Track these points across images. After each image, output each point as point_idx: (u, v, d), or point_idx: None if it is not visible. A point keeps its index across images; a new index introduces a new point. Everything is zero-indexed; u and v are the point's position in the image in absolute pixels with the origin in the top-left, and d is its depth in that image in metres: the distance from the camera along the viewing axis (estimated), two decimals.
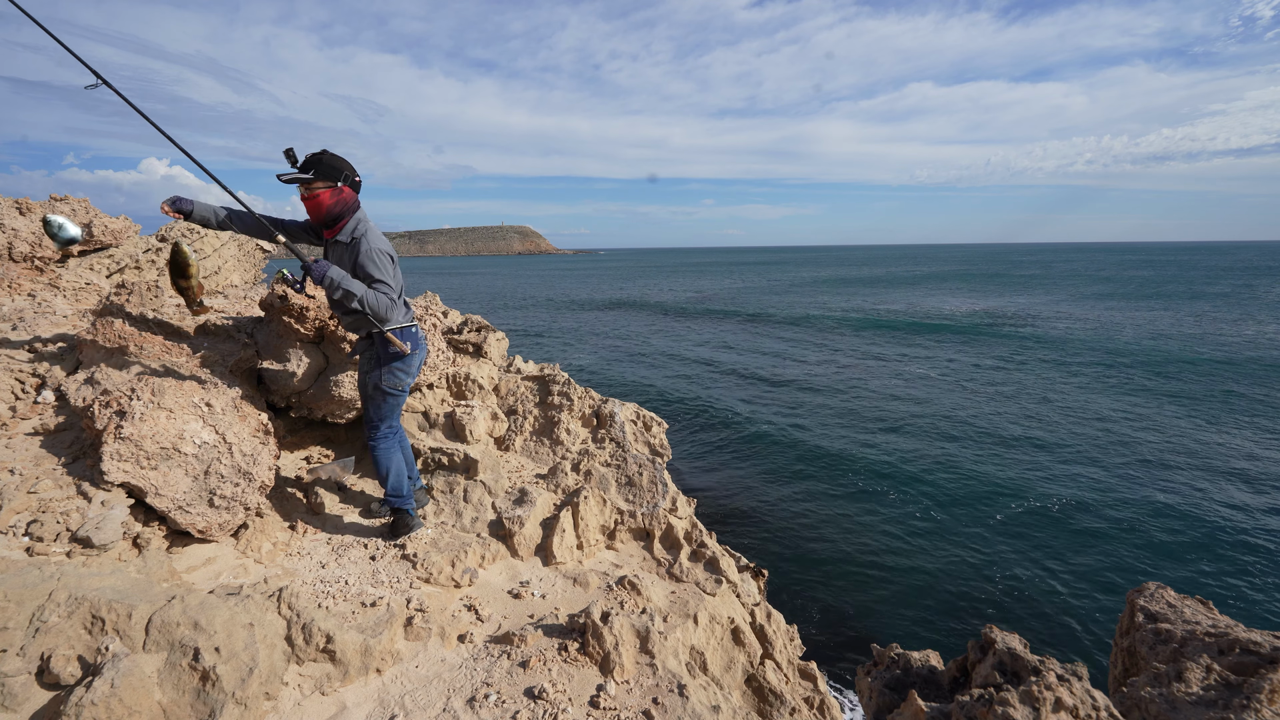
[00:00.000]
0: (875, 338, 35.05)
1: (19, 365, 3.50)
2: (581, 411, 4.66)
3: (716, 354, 31.14)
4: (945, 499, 13.38)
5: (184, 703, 1.96)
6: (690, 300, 62.46)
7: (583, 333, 40.98)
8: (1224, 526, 11.84)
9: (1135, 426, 17.89)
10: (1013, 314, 44.77)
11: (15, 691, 1.92)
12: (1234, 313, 42.96)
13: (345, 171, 2.93)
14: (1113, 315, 42.87)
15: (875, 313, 47.31)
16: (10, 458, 2.84)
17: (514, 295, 74.95)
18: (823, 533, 12.17)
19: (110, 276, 5.97)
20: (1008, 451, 16.06)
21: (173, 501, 2.77)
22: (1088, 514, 12.50)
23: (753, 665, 2.93)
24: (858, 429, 18.34)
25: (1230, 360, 26.65)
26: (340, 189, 2.91)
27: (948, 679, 3.05)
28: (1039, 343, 32.28)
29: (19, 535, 2.45)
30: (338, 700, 2.22)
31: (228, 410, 3.20)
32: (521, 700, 2.27)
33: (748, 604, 3.52)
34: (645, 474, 4.02)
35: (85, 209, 6.08)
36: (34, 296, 4.67)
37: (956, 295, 61.06)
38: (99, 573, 2.37)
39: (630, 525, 3.77)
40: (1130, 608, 3.15)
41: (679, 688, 2.38)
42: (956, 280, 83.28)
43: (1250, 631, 2.67)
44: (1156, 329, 36.07)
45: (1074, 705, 2.14)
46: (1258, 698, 2.23)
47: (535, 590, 3.11)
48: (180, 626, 2.11)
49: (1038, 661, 2.56)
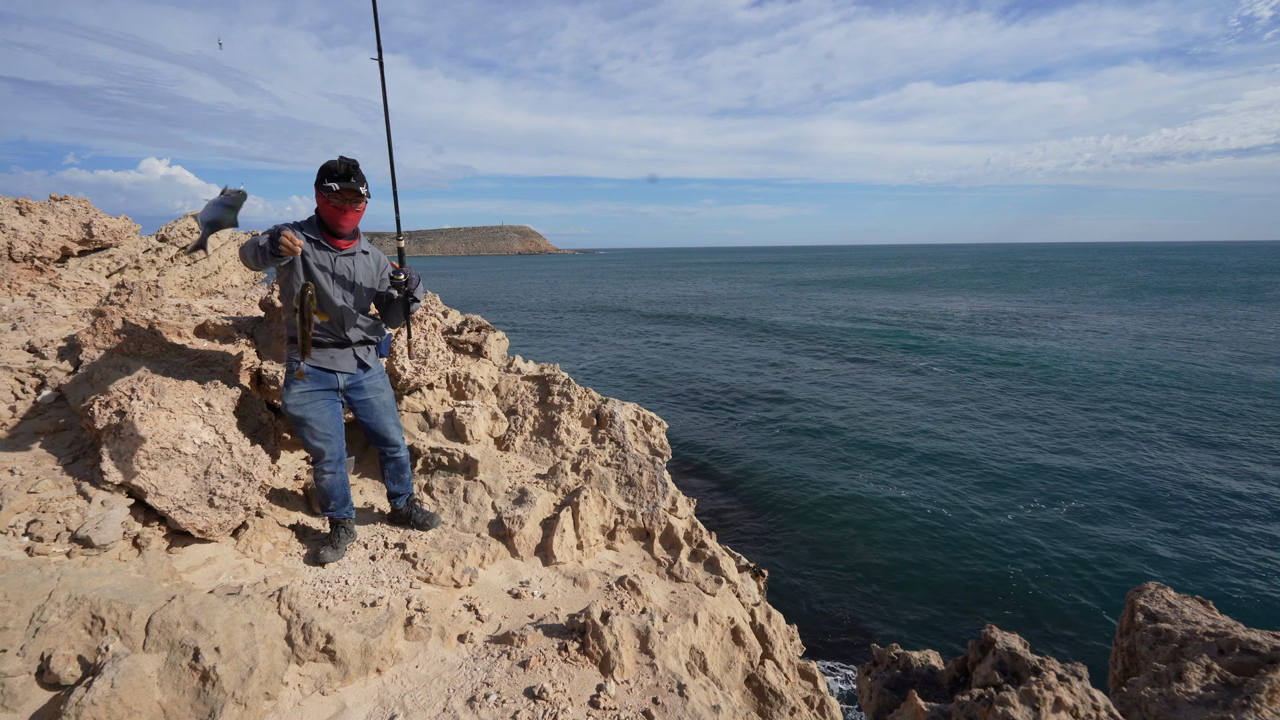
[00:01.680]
0: (876, 339, 35.06)
1: (19, 365, 3.50)
2: (581, 411, 4.65)
3: (717, 354, 31.14)
4: (945, 499, 13.38)
5: (184, 703, 1.96)
6: (691, 300, 62.47)
7: (583, 332, 40.99)
8: (1224, 526, 11.84)
9: (1135, 426, 17.89)
10: (1012, 314, 44.77)
11: (15, 691, 1.92)
12: (1240, 312, 42.96)
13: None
14: (1112, 316, 42.87)
15: (876, 313, 47.30)
16: (10, 458, 2.85)
17: (514, 295, 74.97)
18: (823, 533, 12.17)
19: (110, 276, 5.97)
20: (1008, 452, 16.06)
21: (173, 501, 2.77)
22: (1088, 514, 12.50)
23: (753, 665, 2.93)
24: (858, 430, 18.34)
25: (1231, 361, 26.65)
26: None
27: (948, 679, 3.05)
28: (1039, 344, 32.28)
29: (19, 535, 2.46)
30: (338, 700, 2.22)
31: (228, 410, 3.20)
32: (521, 700, 2.27)
33: (748, 604, 3.52)
34: (645, 474, 4.02)
35: (85, 209, 6.08)
36: (34, 296, 4.67)
37: (957, 296, 61.07)
38: (99, 573, 2.38)
39: (630, 525, 3.77)
40: (1130, 608, 3.15)
41: (679, 688, 2.38)
42: (957, 280, 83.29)
43: (1250, 631, 2.67)
44: (1157, 329, 36.08)
45: (1074, 705, 2.14)
46: (1258, 698, 2.23)
47: (535, 590, 3.11)
48: (180, 626, 2.11)
49: (1038, 661, 2.56)
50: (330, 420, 2.97)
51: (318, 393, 2.93)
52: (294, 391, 2.88)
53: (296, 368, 2.81)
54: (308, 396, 2.91)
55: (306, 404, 2.91)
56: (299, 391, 2.89)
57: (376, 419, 3.13)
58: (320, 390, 2.93)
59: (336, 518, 3.09)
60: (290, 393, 2.88)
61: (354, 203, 2.69)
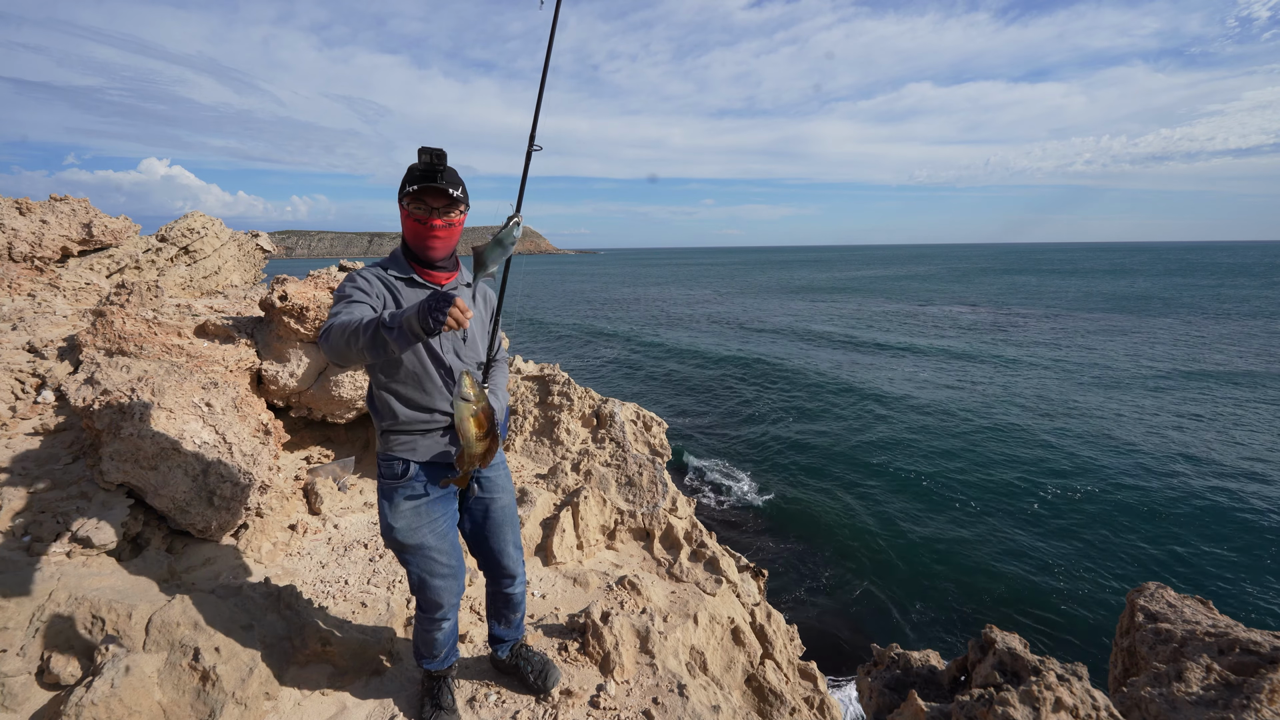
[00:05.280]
0: (877, 339, 35.06)
1: (19, 365, 3.50)
2: (581, 411, 4.65)
3: (716, 354, 31.13)
4: (945, 499, 13.38)
5: (184, 703, 1.96)
6: (691, 300, 62.48)
7: (583, 332, 40.98)
8: (1224, 526, 11.84)
9: (1135, 426, 17.90)
10: (1012, 315, 44.78)
11: (15, 691, 1.92)
12: (1242, 311, 42.96)
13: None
14: (1113, 316, 42.88)
15: (877, 314, 47.32)
16: (10, 458, 2.84)
17: (514, 295, 74.98)
18: (823, 533, 12.17)
19: (110, 276, 5.97)
20: (1008, 452, 16.06)
21: (173, 501, 2.77)
22: (1088, 514, 12.51)
23: (753, 665, 2.93)
24: (858, 429, 18.34)
25: (1231, 361, 26.66)
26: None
27: (948, 679, 3.05)
28: (1039, 345, 32.28)
29: (19, 535, 2.46)
30: (338, 700, 2.22)
31: (228, 410, 3.20)
32: (522, 700, 2.27)
33: (748, 604, 3.52)
34: (645, 474, 4.02)
35: (85, 209, 6.08)
36: (34, 296, 4.67)
37: (958, 297, 61.06)
38: (99, 573, 2.38)
39: (630, 525, 3.77)
40: (1130, 608, 3.15)
41: (679, 688, 2.38)
42: (959, 281, 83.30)
43: (1250, 631, 2.67)
44: (1158, 331, 36.10)
45: (1074, 705, 2.14)
46: (1258, 698, 2.23)
47: (535, 590, 3.11)
48: (180, 626, 2.11)
49: (1038, 661, 2.56)
50: (454, 546, 2.01)
51: (435, 503, 1.94)
52: (403, 508, 1.89)
53: (405, 473, 1.87)
54: (423, 514, 1.92)
55: (423, 526, 1.92)
56: (411, 508, 1.90)
57: (494, 533, 2.13)
58: (438, 500, 1.95)
59: (440, 670, 2.18)
60: (398, 511, 1.89)
61: (443, 211, 1.79)
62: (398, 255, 1.89)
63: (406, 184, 1.75)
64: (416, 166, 1.73)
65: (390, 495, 1.90)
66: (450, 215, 1.81)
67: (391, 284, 1.83)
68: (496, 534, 2.12)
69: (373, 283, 1.80)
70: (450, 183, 1.75)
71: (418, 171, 1.72)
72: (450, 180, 1.75)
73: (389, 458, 1.89)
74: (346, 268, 4.78)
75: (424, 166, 1.71)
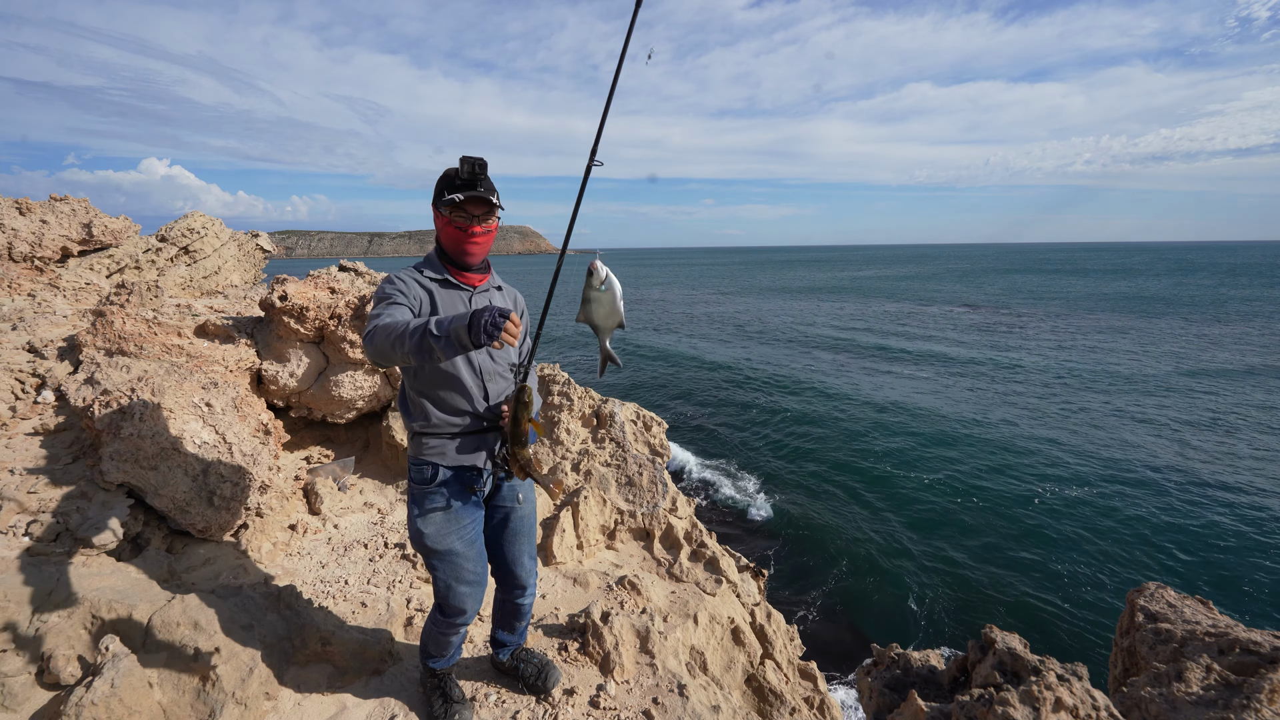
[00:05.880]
0: (877, 340, 35.05)
1: (19, 365, 3.50)
2: (581, 411, 4.65)
3: (716, 354, 31.14)
4: (945, 500, 13.38)
5: (184, 703, 1.96)
6: (691, 300, 62.47)
7: (582, 332, 41.00)
8: (1224, 527, 11.84)
9: (1135, 426, 17.90)
10: (1013, 315, 44.77)
11: (15, 691, 1.92)
12: (1243, 311, 42.95)
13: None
14: (1114, 315, 42.88)
15: (877, 315, 47.31)
16: (10, 458, 2.84)
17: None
18: (823, 533, 12.17)
19: (110, 276, 5.97)
20: (1008, 453, 16.06)
21: (173, 501, 2.77)
22: (1088, 514, 12.50)
23: (753, 665, 2.93)
24: (858, 430, 18.34)
25: (1233, 360, 26.66)
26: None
27: (948, 679, 3.05)
28: (1040, 344, 32.28)
29: (19, 535, 2.46)
30: (338, 700, 2.22)
31: (228, 410, 3.20)
32: (521, 700, 2.27)
33: (748, 604, 3.51)
34: (645, 474, 4.02)
35: (85, 209, 6.08)
36: (34, 296, 4.67)
37: (959, 297, 61.05)
38: (99, 573, 2.38)
39: (630, 525, 3.77)
40: (1130, 608, 3.15)
41: (679, 688, 2.38)
42: (960, 281, 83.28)
43: (1250, 631, 2.67)
44: (1159, 330, 36.09)
45: (1074, 705, 2.14)
46: (1258, 698, 2.23)
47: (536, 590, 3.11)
48: (180, 626, 2.11)
49: (1038, 661, 2.56)
50: (481, 553, 2.00)
51: (463, 510, 1.93)
52: (432, 515, 1.89)
53: (434, 478, 1.87)
54: (451, 520, 1.90)
55: (452, 533, 1.90)
56: (440, 514, 1.89)
57: (511, 542, 2.10)
58: (465, 506, 1.93)
59: (445, 669, 2.20)
60: (427, 517, 1.89)
61: (483, 218, 1.85)
62: (432, 258, 1.95)
63: (447, 191, 1.80)
64: (458, 174, 1.79)
65: (420, 500, 1.90)
66: (489, 222, 1.89)
67: (427, 285, 1.88)
68: (513, 543, 2.11)
69: (410, 285, 1.84)
70: (491, 191, 1.84)
71: (460, 180, 1.79)
72: (489, 188, 1.83)
73: (419, 462, 1.90)
74: (346, 267, 4.78)
75: (468, 175, 1.79)
